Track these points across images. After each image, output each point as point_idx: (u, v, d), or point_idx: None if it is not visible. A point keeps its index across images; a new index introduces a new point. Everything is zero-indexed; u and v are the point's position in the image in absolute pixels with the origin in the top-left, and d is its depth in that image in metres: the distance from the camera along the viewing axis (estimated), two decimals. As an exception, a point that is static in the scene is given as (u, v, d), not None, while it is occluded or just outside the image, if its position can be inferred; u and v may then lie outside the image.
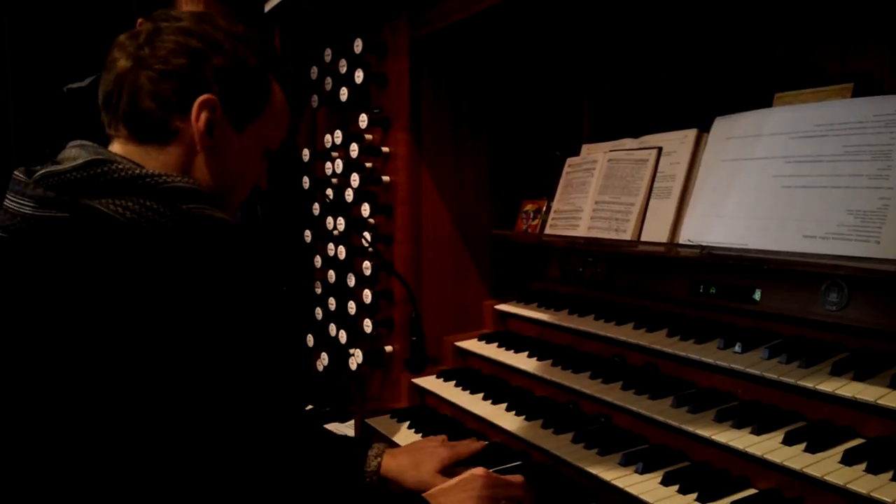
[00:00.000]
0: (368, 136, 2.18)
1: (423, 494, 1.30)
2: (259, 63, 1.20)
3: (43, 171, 1.06)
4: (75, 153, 1.10)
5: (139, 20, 1.56)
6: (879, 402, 1.18)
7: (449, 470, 1.49)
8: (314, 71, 2.40)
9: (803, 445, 1.23)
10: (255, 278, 1.20)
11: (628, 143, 1.96)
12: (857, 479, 1.12)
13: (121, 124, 1.14)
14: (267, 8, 2.45)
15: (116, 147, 1.15)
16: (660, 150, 1.81)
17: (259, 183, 1.31)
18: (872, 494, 1.07)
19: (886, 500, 1.06)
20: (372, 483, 1.49)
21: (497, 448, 1.68)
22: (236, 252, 1.17)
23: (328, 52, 2.33)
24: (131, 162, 1.10)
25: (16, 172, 1.08)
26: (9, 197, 1.06)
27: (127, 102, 1.12)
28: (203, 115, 1.13)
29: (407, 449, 1.57)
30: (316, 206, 2.41)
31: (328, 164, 2.30)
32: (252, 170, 1.27)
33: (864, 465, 1.14)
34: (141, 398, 0.94)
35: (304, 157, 2.40)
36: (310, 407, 2.36)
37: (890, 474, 1.11)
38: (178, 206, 1.09)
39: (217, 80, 1.14)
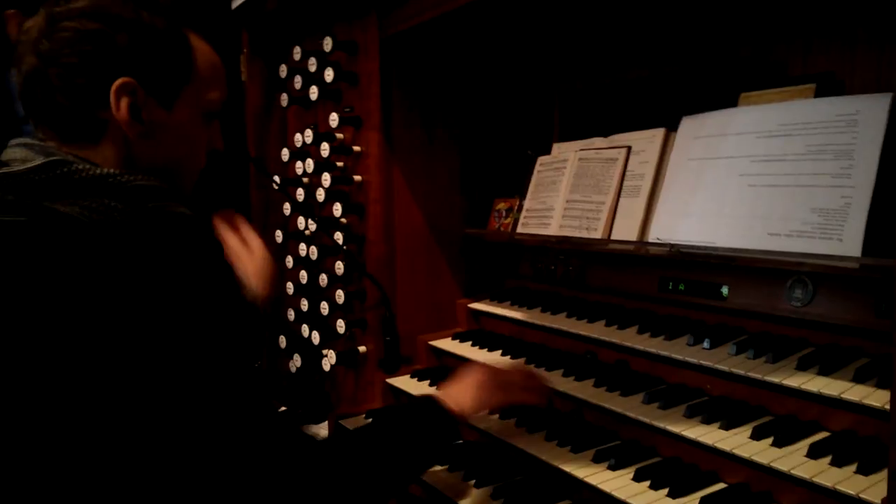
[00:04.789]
0: (339, 136, 2.17)
1: (433, 395, 1.39)
2: (169, 23, 1.07)
3: None
4: (22, 153, 1.02)
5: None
6: (843, 396, 1.21)
7: None
8: (283, 69, 2.37)
9: (770, 440, 1.25)
10: (225, 274, 1.16)
11: (598, 142, 1.98)
12: (822, 472, 1.15)
13: (46, 127, 1.05)
14: (234, 6, 2.42)
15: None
16: (629, 149, 1.83)
17: (216, 146, 1.23)
18: (837, 487, 1.10)
19: (850, 492, 1.08)
20: None
21: (471, 447, 1.69)
22: (205, 248, 1.12)
23: (297, 50, 2.30)
24: (87, 161, 1.03)
25: None
26: None
27: (44, 104, 1.03)
28: (123, 102, 1.03)
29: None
30: (287, 205, 2.38)
31: (299, 164, 2.28)
32: (199, 138, 1.17)
33: (829, 459, 1.17)
34: (106, 401, 0.94)
35: (283, 158, 2.35)
36: (283, 409, 2.35)
37: (854, 467, 1.14)
38: (144, 205, 1.04)
39: (128, 59, 1.03)
